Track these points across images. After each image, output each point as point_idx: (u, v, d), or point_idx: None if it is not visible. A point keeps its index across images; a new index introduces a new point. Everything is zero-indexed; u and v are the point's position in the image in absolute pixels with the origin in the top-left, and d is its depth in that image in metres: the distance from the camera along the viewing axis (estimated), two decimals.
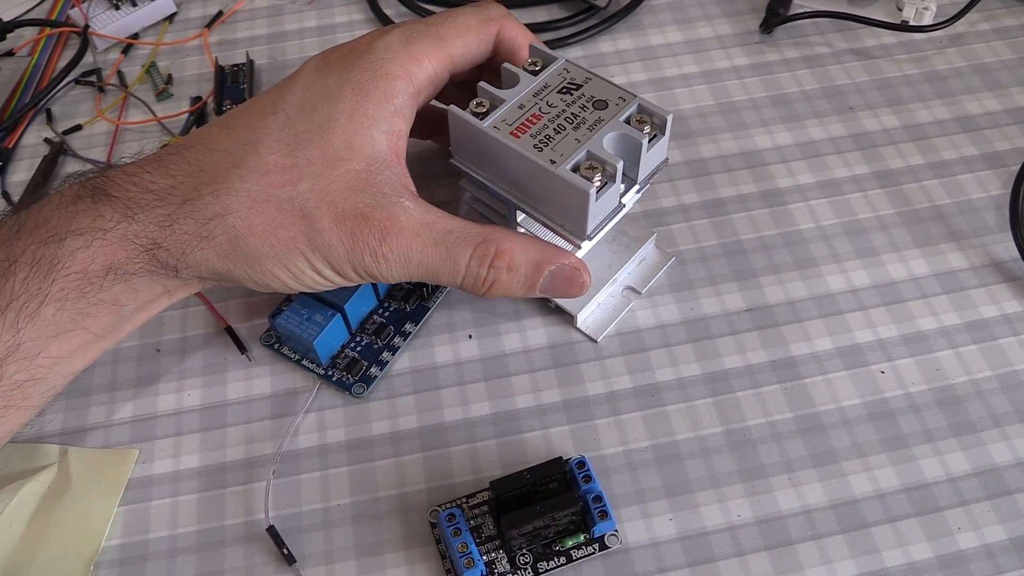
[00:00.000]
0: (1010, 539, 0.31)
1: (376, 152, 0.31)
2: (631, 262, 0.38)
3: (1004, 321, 0.37)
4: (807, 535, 0.31)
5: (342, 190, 0.30)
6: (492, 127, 0.32)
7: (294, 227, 0.30)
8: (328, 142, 0.30)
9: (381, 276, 0.31)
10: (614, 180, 0.31)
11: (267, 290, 0.32)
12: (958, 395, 0.35)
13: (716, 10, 0.49)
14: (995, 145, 0.42)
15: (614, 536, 0.31)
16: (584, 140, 0.31)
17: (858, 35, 0.48)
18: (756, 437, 0.34)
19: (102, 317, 0.30)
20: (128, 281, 0.30)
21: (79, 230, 0.29)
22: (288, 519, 0.32)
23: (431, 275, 0.32)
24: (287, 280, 0.31)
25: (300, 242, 0.30)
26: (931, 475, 0.33)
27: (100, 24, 0.49)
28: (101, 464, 0.34)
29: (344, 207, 0.30)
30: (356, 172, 0.30)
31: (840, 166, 0.42)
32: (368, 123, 0.31)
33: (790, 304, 0.37)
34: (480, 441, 0.34)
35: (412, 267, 0.31)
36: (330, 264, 0.31)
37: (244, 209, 0.30)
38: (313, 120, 0.31)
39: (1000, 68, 0.46)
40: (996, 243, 0.39)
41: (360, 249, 0.30)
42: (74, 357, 0.30)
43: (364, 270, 0.31)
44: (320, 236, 0.30)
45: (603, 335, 0.37)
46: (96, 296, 0.29)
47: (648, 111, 0.32)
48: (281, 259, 0.30)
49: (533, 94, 0.33)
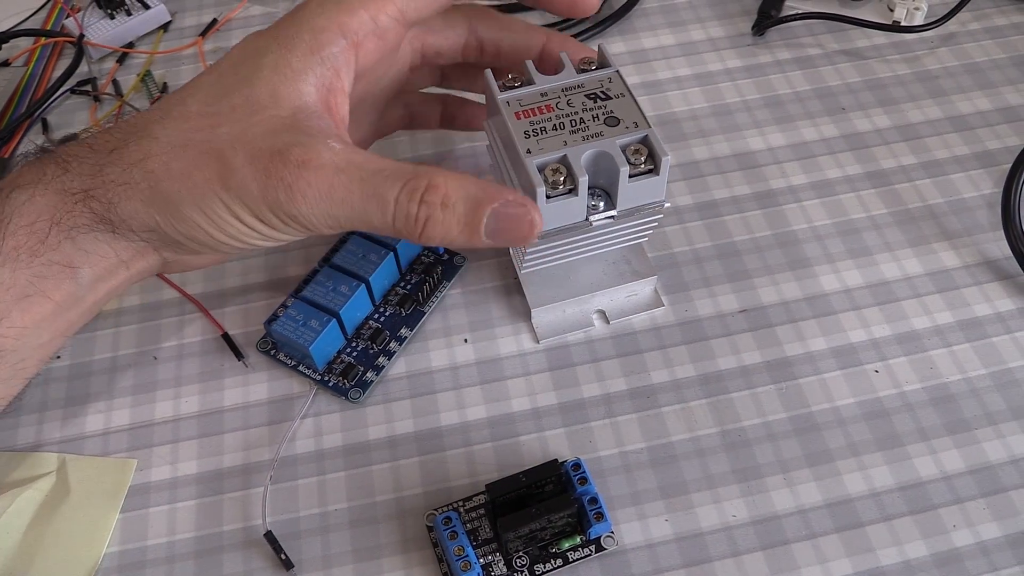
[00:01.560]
0: (1005, 536, 0.31)
1: (304, 103, 0.30)
2: (619, 291, 0.37)
3: (997, 319, 0.37)
4: (802, 535, 0.32)
5: (262, 132, 0.29)
6: (505, 100, 0.32)
7: (209, 168, 0.29)
8: (252, 91, 0.30)
9: (303, 219, 0.29)
10: (576, 193, 0.31)
11: (202, 247, 0.31)
12: (952, 393, 0.35)
13: (708, 13, 0.49)
14: (987, 144, 0.43)
15: (610, 538, 0.31)
16: (569, 145, 0.31)
17: (850, 36, 0.48)
18: (751, 438, 0.34)
19: (60, 283, 0.30)
20: (74, 240, 0.29)
21: (22, 184, 0.30)
22: (286, 524, 0.33)
23: (358, 216, 0.29)
24: (211, 230, 0.30)
25: (215, 183, 0.29)
26: (926, 473, 0.33)
27: (95, 34, 0.49)
28: (100, 473, 0.34)
29: (261, 145, 0.29)
30: (280, 118, 0.29)
31: (833, 167, 0.42)
32: (292, 75, 0.30)
33: (784, 305, 0.37)
34: (476, 444, 0.34)
35: (335, 205, 0.29)
36: (247, 206, 0.29)
37: (163, 153, 0.29)
38: (239, 73, 0.30)
39: (991, 67, 0.46)
40: (989, 241, 0.39)
41: (274, 185, 0.28)
42: (39, 328, 0.30)
43: (282, 211, 0.29)
44: (233, 174, 0.29)
45: (547, 340, 0.37)
46: (48, 256, 0.29)
47: (650, 145, 0.32)
48: (198, 202, 0.29)
49: (562, 88, 0.33)
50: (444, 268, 0.39)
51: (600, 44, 0.35)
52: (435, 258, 0.39)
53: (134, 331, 0.38)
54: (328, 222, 0.29)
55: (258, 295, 0.39)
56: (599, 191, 0.32)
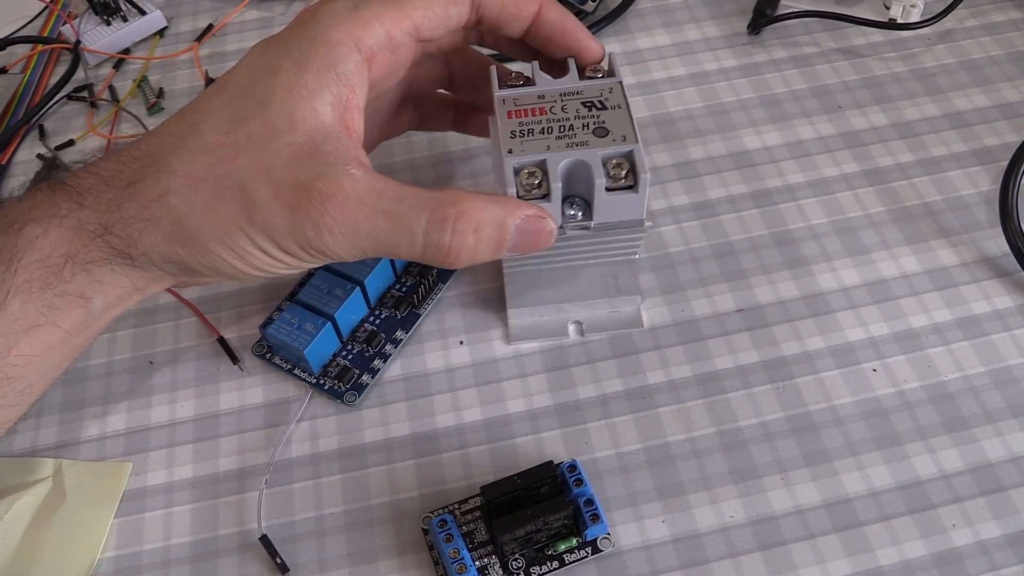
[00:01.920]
0: (1004, 535, 0.31)
1: (320, 124, 0.29)
2: (601, 305, 0.37)
3: (995, 317, 0.36)
4: (801, 535, 0.31)
5: (282, 163, 0.28)
6: (500, 98, 0.33)
7: (232, 204, 0.28)
8: (268, 116, 0.29)
9: (331, 252, 0.29)
10: (548, 200, 0.31)
11: (223, 276, 0.31)
12: (950, 392, 0.34)
13: (703, 12, 0.49)
14: (984, 141, 0.42)
15: (606, 539, 0.31)
16: (551, 151, 0.31)
17: (846, 34, 0.48)
18: (748, 438, 0.34)
19: (71, 312, 0.29)
20: (89, 272, 0.29)
21: (36, 218, 0.29)
22: (281, 528, 0.33)
23: (385, 247, 0.29)
24: (235, 263, 0.30)
25: (240, 218, 0.28)
26: (924, 472, 0.33)
27: (91, 40, 0.49)
28: (95, 477, 0.34)
29: (283, 179, 0.28)
30: (298, 145, 0.29)
31: (829, 165, 0.42)
32: (308, 94, 0.29)
33: (781, 304, 0.37)
34: (472, 447, 0.34)
35: (362, 239, 0.29)
36: (273, 241, 0.29)
37: (183, 189, 0.29)
38: (253, 96, 0.29)
39: (988, 64, 0.46)
40: (986, 239, 0.39)
41: (301, 222, 0.28)
42: (48, 355, 0.29)
43: (310, 246, 0.29)
44: (258, 210, 0.28)
45: (518, 343, 0.36)
46: (61, 288, 0.29)
47: (633, 161, 0.31)
48: (223, 238, 0.29)
49: (560, 93, 0.33)
50: (439, 270, 0.39)
51: (610, 53, 0.34)
52: None
53: (130, 336, 0.38)
54: (355, 253, 0.29)
55: (253, 299, 0.39)
56: (580, 201, 0.32)
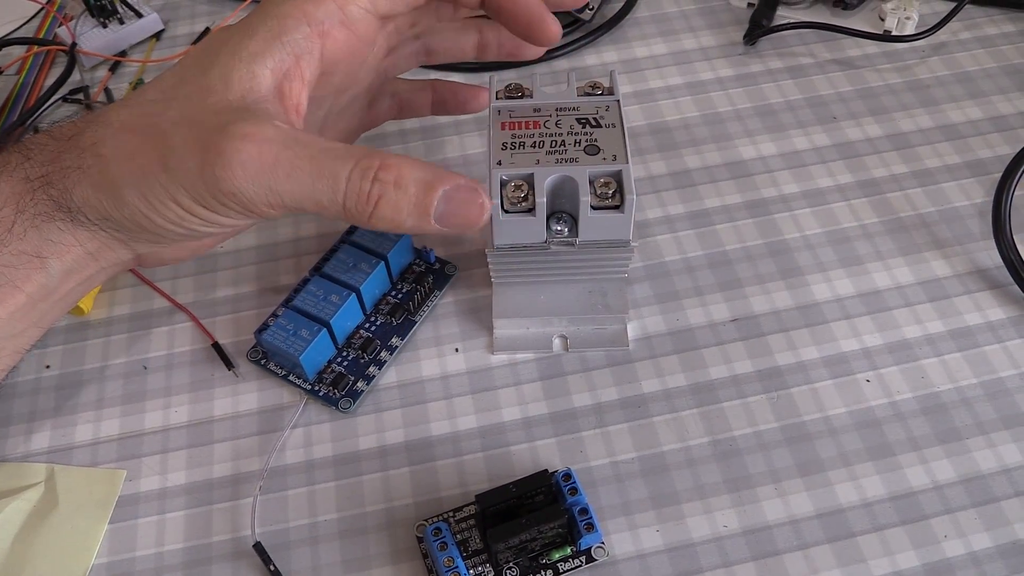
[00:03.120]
0: (996, 546, 0.31)
1: (254, 86, 0.29)
2: (587, 322, 0.37)
3: (988, 328, 0.37)
4: (794, 545, 0.31)
5: (208, 113, 0.28)
6: (496, 108, 0.33)
7: (152, 151, 0.29)
8: (206, 78, 0.29)
9: (242, 196, 0.28)
10: (533, 214, 0.31)
11: (143, 232, 0.30)
12: (943, 403, 0.35)
13: (700, 22, 0.50)
14: (978, 153, 0.43)
15: (601, 548, 0.31)
16: (540, 165, 0.31)
17: (841, 45, 0.48)
18: (742, 447, 0.34)
19: (30, 274, 0.30)
20: (39, 229, 0.30)
21: None
22: (275, 535, 0.32)
23: (305, 194, 0.28)
24: (149, 213, 0.29)
25: (155, 165, 0.28)
26: (917, 483, 0.33)
27: (88, 42, 0.49)
28: (88, 484, 0.34)
29: (204, 124, 0.28)
30: (227, 101, 0.29)
31: (824, 176, 0.42)
32: (247, 58, 0.29)
33: (775, 314, 0.37)
34: (467, 455, 0.34)
35: (280, 180, 0.28)
36: (184, 188, 0.28)
37: (111, 138, 0.29)
38: (199, 62, 0.30)
39: (982, 76, 0.46)
40: (980, 250, 0.39)
41: (212, 160, 0.27)
42: (13, 319, 0.30)
43: (219, 188, 0.28)
44: (172, 154, 0.28)
45: (500, 354, 0.36)
46: (16, 246, 0.29)
47: (620, 181, 0.31)
48: (138, 186, 0.29)
49: (557, 108, 0.33)
50: (435, 277, 0.39)
51: (612, 71, 0.35)
52: (426, 267, 0.39)
53: (124, 340, 0.38)
54: (269, 199, 0.28)
55: (249, 304, 0.39)
56: (567, 217, 0.32)
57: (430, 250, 0.39)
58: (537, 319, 0.36)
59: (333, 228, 0.41)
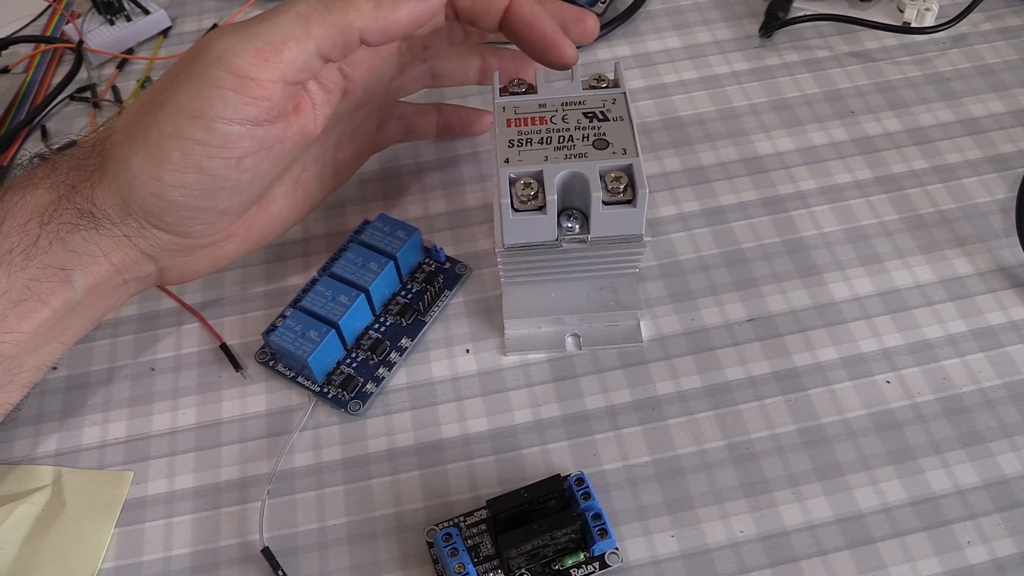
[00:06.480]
0: (1021, 553, 0.30)
1: None
2: (600, 319, 0.36)
3: (1012, 328, 0.36)
4: (812, 551, 0.31)
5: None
6: (501, 105, 0.32)
7: (148, 114, 0.30)
8: (215, 70, 0.30)
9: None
10: (544, 212, 0.30)
11: (158, 220, 0.31)
12: (965, 405, 0.34)
13: (715, 15, 0.49)
14: (1000, 148, 0.42)
15: (615, 554, 0.31)
16: (549, 161, 0.30)
17: (859, 38, 0.47)
18: (759, 451, 0.33)
19: (55, 287, 0.30)
20: (63, 240, 0.30)
21: (15, 187, 0.31)
22: (283, 540, 0.32)
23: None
24: (158, 172, 0.29)
25: (149, 118, 0.30)
26: (939, 488, 0.32)
27: (95, 40, 0.49)
28: (96, 486, 0.34)
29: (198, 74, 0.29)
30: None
31: (842, 171, 0.41)
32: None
33: (793, 313, 0.37)
34: (478, 458, 0.34)
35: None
36: (182, 115, 0.29)
37: (119, 129, 0.31)
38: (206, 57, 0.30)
39: (1004, 69, 0.45)
40: (1002, 248, 0.38)
41: (209, 64, 0.29)
42: (37, 335, 0.30)
43: (229, 71, 0.29)
44: (165, 102, 0.29)
45: (512, 354, 0.36)
46: (41, 260, 0.30)
47: (632, 175, 0.30)
48: (141, 146, 0.30)
49: (563, 103, 0.32)
50: (446, 277, 0.38)
51: (617, 63, 0.34)
52: (437, 266, 0.38)
53: (131, 341, 0.38)
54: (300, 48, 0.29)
55: (257, 305, 0.38)
56: (578, 214, 0.31)
57: (440, 249, 0.38)
58: (548, 318, 0.36)
59: (342, 228, 0.41)
